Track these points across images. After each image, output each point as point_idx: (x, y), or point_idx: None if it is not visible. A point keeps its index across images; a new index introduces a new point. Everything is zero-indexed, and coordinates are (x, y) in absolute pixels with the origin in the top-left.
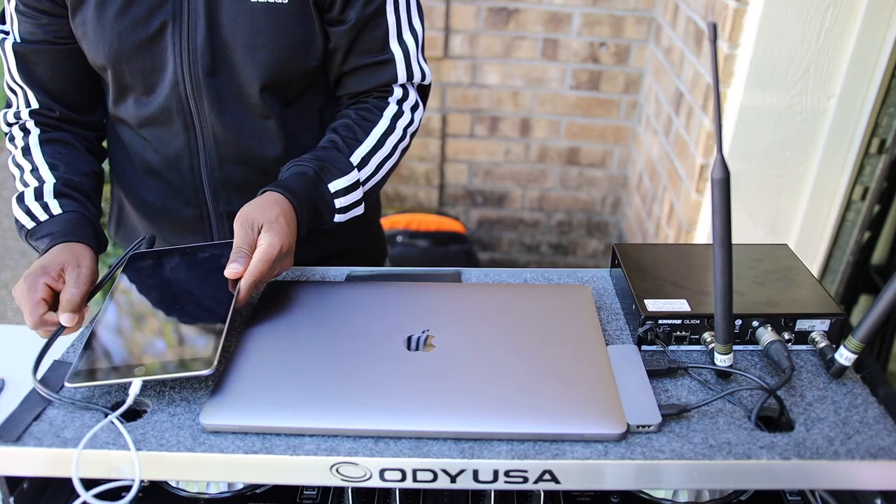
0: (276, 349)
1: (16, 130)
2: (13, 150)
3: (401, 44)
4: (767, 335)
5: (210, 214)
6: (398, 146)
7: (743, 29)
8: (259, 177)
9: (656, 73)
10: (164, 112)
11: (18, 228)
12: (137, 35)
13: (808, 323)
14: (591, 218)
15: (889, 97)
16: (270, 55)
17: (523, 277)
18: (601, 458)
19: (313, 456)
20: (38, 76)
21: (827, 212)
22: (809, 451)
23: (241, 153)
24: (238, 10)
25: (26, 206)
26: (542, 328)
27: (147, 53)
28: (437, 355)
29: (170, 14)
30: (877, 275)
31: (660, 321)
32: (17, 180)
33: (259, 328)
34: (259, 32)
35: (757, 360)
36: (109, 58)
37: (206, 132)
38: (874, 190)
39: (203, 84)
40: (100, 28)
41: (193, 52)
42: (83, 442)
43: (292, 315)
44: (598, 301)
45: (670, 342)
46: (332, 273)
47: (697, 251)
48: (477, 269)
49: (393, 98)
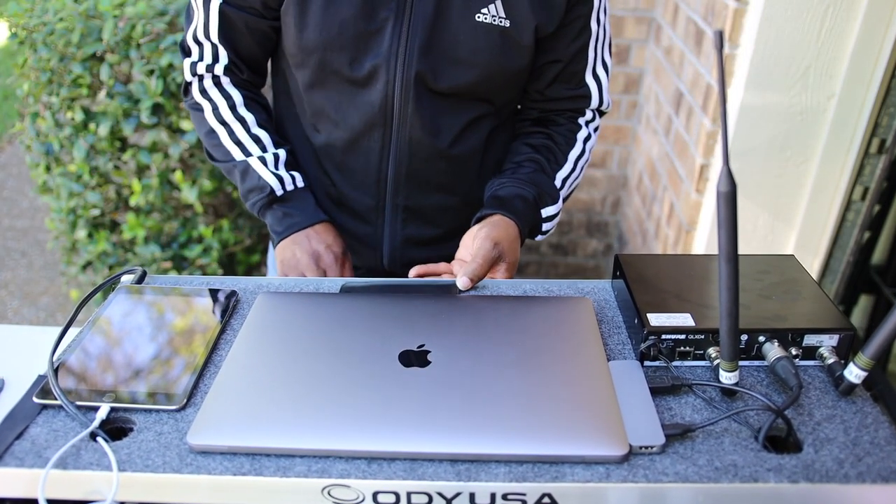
0: (266, 365)
1: (208, 83)
2: (208, 104)
3: (595, 78)
4: (774, 351)
5: (386, 206)
6: (585, 167)
7: (743, 29)
8: (441, 173)
9: (656, 73)
10: (367, 105)
11: (251, 190)
12: (359, 27)
13: (816, 338)
14: (590, 218)
15: (889, 97)
16: (482, 73)
17: (522, 289)
18: (602, 480)
19: (304, 478)
20: (236, 40)
21: (827, 212)
22: (818, 475)
23: (433, 152)
24: (462, 25)
25: (271, 172)
26: (541, 343)
27: (363, 46)
28: (432, 372)
29: (393, 11)
30: (877, 275)
31: (663, 336)
32: (228, 137)
33: (249, 342)
34: (478, 51)
35: (763, 376)
36: (322, 44)
37: (403, 131)
38: (874, 190)
39: (413, 86)
40: (321, 13)
41: (410, 56)
42: (52, 461)
43: (284, 328)
44: (599, 313)
45: (674, 357)
46: (327, 284)
47: (701, 262)
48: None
49: (583, 120)
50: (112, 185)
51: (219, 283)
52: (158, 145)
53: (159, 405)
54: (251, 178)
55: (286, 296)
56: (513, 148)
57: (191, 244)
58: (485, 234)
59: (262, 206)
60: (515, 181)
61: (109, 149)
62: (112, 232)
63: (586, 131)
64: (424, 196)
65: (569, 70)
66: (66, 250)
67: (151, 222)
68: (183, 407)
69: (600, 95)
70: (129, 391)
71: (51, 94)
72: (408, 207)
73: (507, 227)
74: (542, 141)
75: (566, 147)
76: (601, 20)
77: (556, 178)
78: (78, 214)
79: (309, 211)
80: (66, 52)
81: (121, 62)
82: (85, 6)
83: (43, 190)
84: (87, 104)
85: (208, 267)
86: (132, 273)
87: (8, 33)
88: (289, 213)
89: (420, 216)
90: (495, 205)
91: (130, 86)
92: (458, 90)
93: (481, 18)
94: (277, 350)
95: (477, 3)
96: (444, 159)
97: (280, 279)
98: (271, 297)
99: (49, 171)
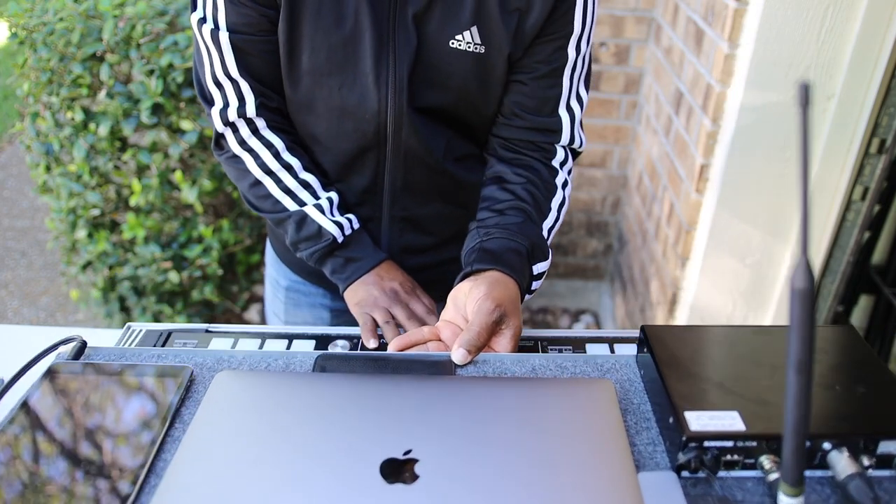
0: (222, 466)
1: (246, 133)
2: (249, 155)
3: (568, 110)
4: (844, 463)
5: (383, 217)
6: (564, 215)
7: (743, 29)
8: (439, 184)
9: (656, 73)
10: (359, 132)
11: (307, 239)
12: (348, 53)
13: (893, 445)
14: (591, 218)
15: (889, 97)
16: (458, 97)
17: (531, 365)
18: None
19: None
20: (256, 68)
21: (827, 212)
22: None
23: (429, 166)
24: (437, 50)
25: (329, 219)
26: (554, 448)
27: (352, 73)
28: (420, 491)
29: (378, 40)
30: (877, 275)
31: (706, 443)
32: (277, 187)
33: (202, 437)
34: (451, 75)
35: (829, 491)
36: (311, 69)
37: (397, 151)
38: (874, 190)
39: (406, 111)
40: (308, 39)
41: (400, 82)
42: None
43: (245, 418)
44: (623, 398)
45: (718, 468)
46: (299, 357)
47: (746, 338)
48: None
49: (557, 161)
50: (112, 185)
51: (171, 357)
52: (158, 145)
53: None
54: (308, 227)
55: (250, 375)
56: (490, 193)
57: (191, 244)
58: (484, 294)
59: (323, 254)
60: (504, 232)
61: (109, 149)
62: (112, 232)
63: (563, 176)
64: (422, 206)
65: (539, 95)
66: (66, 250)
67: (151, 222)
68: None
69: (571, 131)
70: (69, 497)
71: (51, 94)
72: (405, 218)
73: (507, 286)
74: (525, 187)
75: (548, 194)
76: (581, 49)
77: (543, 229)
78: (78, 214)
79: (370, 251)
80: (66, 52)
81: (121, 62)
82: (85, 6)
83: (43, 190)
84: (87, 104)
85: (208, 267)
86: (71, 342)
87: (8, 33)
88: (352, 258)
89: (418, 226)
90: (487, 259)
91: (130, 86)
92: (441, 111)
93: (455, 45)
94: (236, 448)
95: (451, 30)
96: (440, 172)
97: (244, 352)
98: (232, 376)
99: (49, 171)
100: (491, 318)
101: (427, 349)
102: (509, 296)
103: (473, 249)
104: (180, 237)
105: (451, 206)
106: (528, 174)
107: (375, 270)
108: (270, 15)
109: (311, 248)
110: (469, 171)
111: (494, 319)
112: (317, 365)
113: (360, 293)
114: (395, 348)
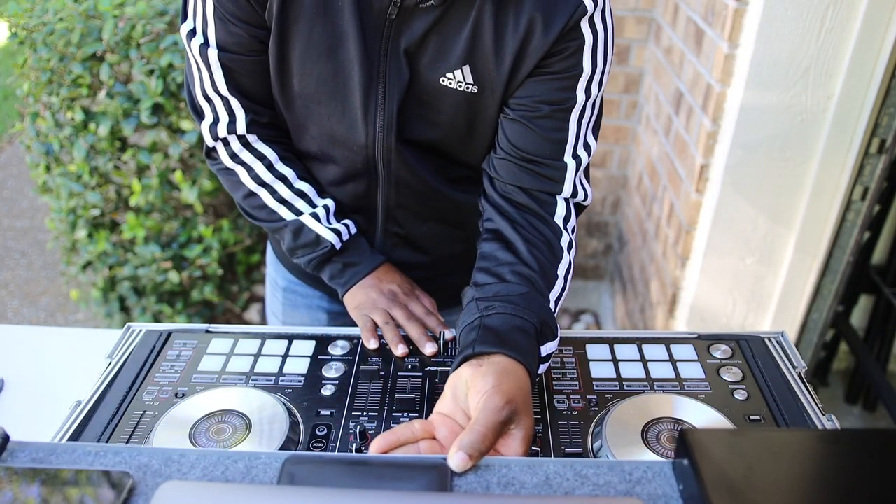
0: None
1: (237, 147)
2: (242, 168)
3: (574, 158)
4: None
5: (377, 231)
6: (570, 282)
7: (743, 29)
8: (433, 207)
9: (656, 73)
10: (349, 161)
11: (304, 246)
12: (338, 84)
13: None
14: (591, 218)
15: (889, 97)
16: (447, 133)
17: (544, 473)
18: None
19: None
20: (245, 86)
21: (827, 212)
22: None
23: (423, 191)
24: (427, 87)
25: (326, 227)
26: None
27: (341, 103)
28: None
29: (366, 73)
30: (877, 275)
31: None
32: (272, 197)
33: None
34: (441, 111)
35: None
36: (302, 94)
37: (389, 178)
38: (874, 190)
39: (395, 145)
40: (299, 64)
41: (389, 117)
42: None
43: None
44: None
45: None
46: (263, 460)
47: (808, 445)
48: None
49: (559, 217)
50: (112, 185)
51: (111, 456)
52: (158, 145)
53: None
54: (306, 235)
55: (201, 487)
56: (489, 251)
57: (191, 244)
58: (492, 388)
59: (321, 261)
60: (509, 307)
61: (109, 149)
62: (112, 232)
63: (568, 238)
64: (417, 225)
65: (541, 136)
66: (66, 250)
67: (151, 222)
68: None
69: (574, 182)
70: None
71: (51, 94)
72: (399, 234)
73: (518, 375)
74: (529, 250)
75: (554, 259)
76: (592, 93)
77: (550, 300)
78: (78, 214)
79: (368, 255)
80: (66, 52)
81: (121, 62)
82: (85, 6)
83: (43, 190)
84: (87, 104)
85: (208, 267)
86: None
87: (8, 33)
88: (350, 263)
89: (412, 242)
90: (491, 340)
91: (130, 86)
92: (430, 145)
93: (445, 83)
94: None
95: (442, 68)
96: (435, 195)
97: (198, 451)
98: (179, 488)
99: (49, 171)
100: (499, 417)
101: (418, 450)
102: (521, 388)
103: (473, 326)
104: (180, 237)
105: (447, 226)
106: (531, 235)
107: (374, 273)
108: (261, 35)
109: (308, 256)
110: (465, 192)
111: (503, 419)
112: (283, 472)
113: (359, 297)
114: (380, 448)
